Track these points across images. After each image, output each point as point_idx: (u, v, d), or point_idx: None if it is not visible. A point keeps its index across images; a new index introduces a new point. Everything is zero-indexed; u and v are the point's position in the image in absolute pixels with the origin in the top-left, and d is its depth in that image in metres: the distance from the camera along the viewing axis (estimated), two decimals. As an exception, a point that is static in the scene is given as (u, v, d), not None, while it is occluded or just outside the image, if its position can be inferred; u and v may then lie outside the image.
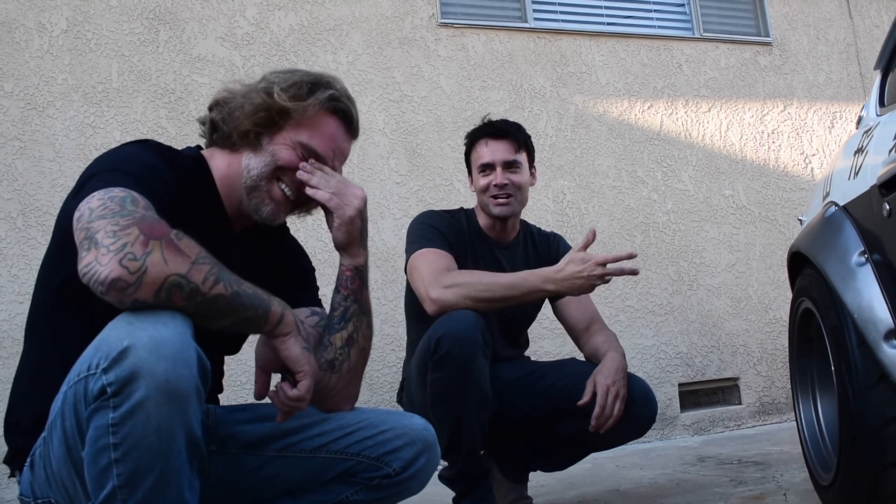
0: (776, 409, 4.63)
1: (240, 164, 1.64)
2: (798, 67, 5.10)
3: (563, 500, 2.86)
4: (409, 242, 2.48)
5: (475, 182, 2.57)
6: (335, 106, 1.65)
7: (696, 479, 3.06)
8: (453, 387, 2.16)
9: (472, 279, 2.29)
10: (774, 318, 4.70)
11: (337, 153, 1.68)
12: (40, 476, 1.42)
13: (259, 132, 1.61)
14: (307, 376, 1.45)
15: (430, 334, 2.21)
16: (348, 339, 1.64)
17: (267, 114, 1.60)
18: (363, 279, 1.67)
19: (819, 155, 5.02)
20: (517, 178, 2.52)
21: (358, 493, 1.65)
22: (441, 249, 2.41)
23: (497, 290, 2.25)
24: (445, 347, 2.14)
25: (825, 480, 2.15)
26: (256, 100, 1.60)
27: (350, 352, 1.64)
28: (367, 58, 4.19)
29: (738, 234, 4.76)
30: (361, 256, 1.67)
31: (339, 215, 1.62)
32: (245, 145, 1.63)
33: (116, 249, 1.25)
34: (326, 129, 1.65)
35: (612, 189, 4.53)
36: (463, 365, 2.14)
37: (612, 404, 2.29)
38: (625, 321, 4.37)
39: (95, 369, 1.22)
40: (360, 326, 1.65)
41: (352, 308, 1.65)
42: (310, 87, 1.62)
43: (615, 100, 4.63)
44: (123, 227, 1.28)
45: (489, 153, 2.52)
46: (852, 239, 1.96)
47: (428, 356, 2.19)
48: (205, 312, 1.32)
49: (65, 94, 3.69)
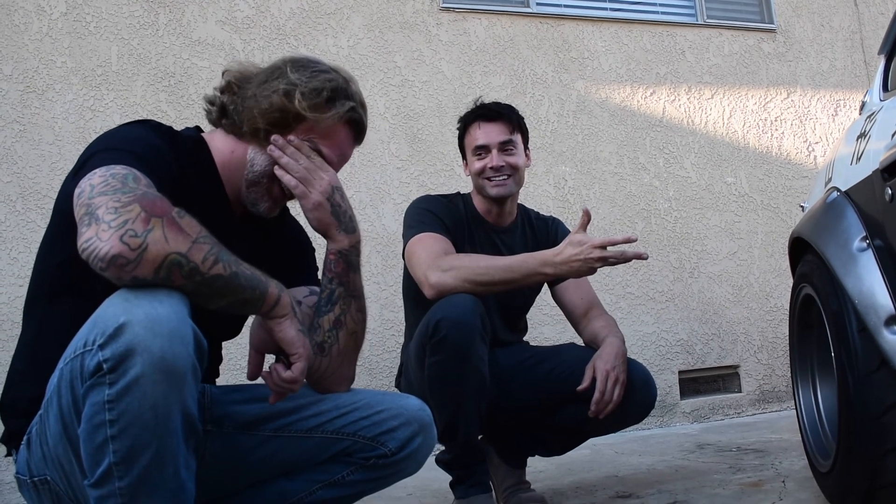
0: (776, 398, 4.62)
1: (244, 155, 1.63)
2: (802, 55, 5.07)
3: (561, 486, 2.86)
4: (407, 227, 2.47)
5: (470, 165, 2.55)
6: (351, 117, 1.65)
7: (694, 465, 3.06)
8: (451, 370, 2.15)
9: (469, 262, 2.28)
10: (775, 307, 4.69)
11: (341, 159, 1.69)
12: (37, 454, 1.42)
13: (270, 131, 1.61)
14: (301, 359, 1.45)
15: (428, 318, 2.20)
16: (336, 321, 1.63)
17: (282, 115, 1.59)
18: (349, 262, 1.65)
19: (822, 143, 5.00)
20: (513, 159, 2.50)
21: (354, 472, 1.65)
22: (438, 233, 2.40)
23: (495, 273, 2.24)
24: (443, 331, 2.13)
25: (824, 467, 2.15)
26: (274, 99, 1.59)
27: (339, 335, 1.63)
28: (368, 42, 4.17)
29: (740, 222, 4.74)
30: (344, 240, 1.64)
31: (305, 203, 1.61)
32: (254, 140, 1.62)
33: (117, 226, 1.25)
34: (337, 138, 1.65)
35: (614, 175, 4.51)
36: (461, 348, 2.14)
37: (612, 390, 2.28)
38: (625, 308, 4.36)
39: (92, 345, 1.22)
40: (347, 309, 1.64)
41: (337, 291, 1.64)
42: (329, 96, 1.61)
43: (617, 86, 4.61)
44: (125, 203, 1.28)
45: (483, 135, 2.50)
46: (854, 224, 1.95)
47: (426, 339, 2.18)
48: (203, 292, 1.31)
49: (64, 76, 3.68)
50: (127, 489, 1.21)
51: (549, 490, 2.76)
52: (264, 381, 1.51)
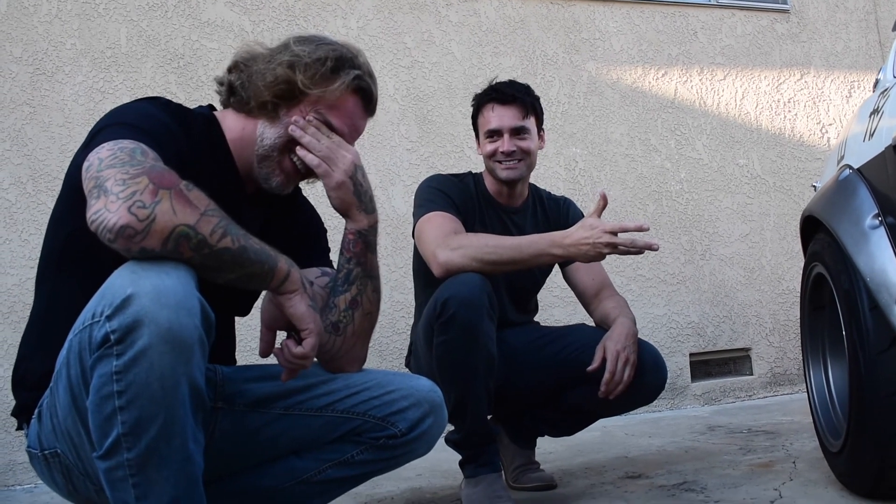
0: (788, 380, 4.61)
1: (254, 131, 1.63)
2: (816, 35, 5.02)
3: (571, 467, 2.86)
4: (417, 206, 2.46)
5: (482, 146, 2.53)
6: (358, 85, 1.63)
7: (705, 446, 3.06)
8: (459, 349, 2.15)
9: (479, 241, 2.27)
10: (788, 289, 4.67)
11: (353, 131, 1.67)
12: (47, 426, 1.43)
13: (277, 104, 1.60)
14: (312, 334, 1.45)
15: (436, 297, 2.19)
16: (352, 301, 1.63)
17: (287, 87, 1.59)
18: (367, 243, 1.65)
19: (836, 124, 4.95)
20: (525, 143, 2.48)
21: (363, 452, 1.65)
22: (448, 213, 2.39)
23: (503, 252, 2.23)
24: (451, 310, 2.13)
25: (834, 447, 2.14)
26: (278, 72, 1.59)
27: (354, 314, 1.63)
28: (378, 23, 4.15)
29: (752, 204, 4.72)
30: (364, 220, 1.65)
31: (328, 182, 1.61)
32: (262, 114, 1.62)
33: (126, 197, 1.25)
34: (346, 108, 1.64)
35: (625, 157, 4.49)
36: (469, 327, 2.13)
37: (622, 370, 2.27)
38: (636, 290, 4.34)
39: (99, 317, 1.22)
40: (364, 290, 1.65)
41: (355, 271, 1.64)
42: (334, 65, 1.60)
43: (629, 67, 4.58)
44: (133, 175, 1.28)
45: (496, 119, 2.48)
46: (866, 201, 1.93)
47: (434, 319, 2.18)
48: (211, 265, 1.32)
49: (73, 59, 3.67)
50: (135, 461, 1.22)
51: (558, 470, 2.76)
52: (276, 358, 1.51)
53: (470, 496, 2.24)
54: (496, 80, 2.58)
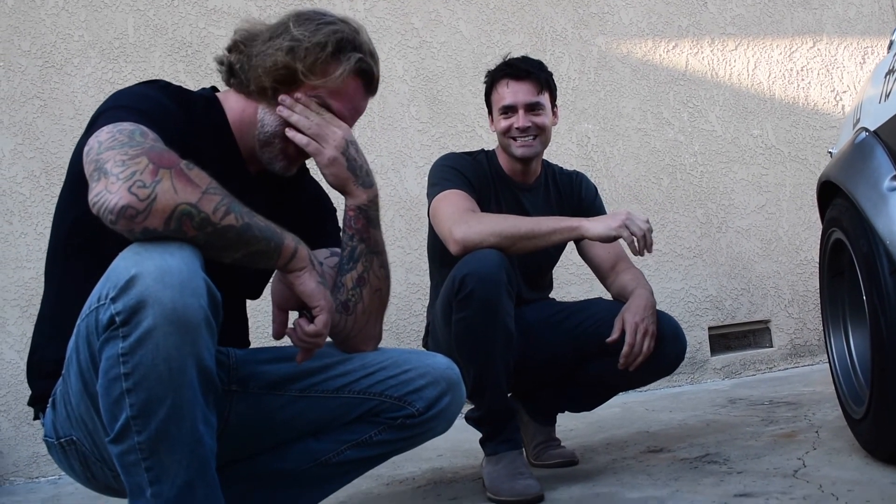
0: (808, 352, 4.58)
1: (255, 114, 1.62)
2: (827, 2, 4.95)
3: (592, 443, 2.85)
4: (431, 185, 2.45)
5: (496, 123, 2.51)
6: (359, 68, 1.60)
7: (726, 419, 3.04)
8: (478, 326, 2.14)
9: (496, 217, 2.28)
10: (806, 259, 4.63)
11: (353, 113, 1.65)
12: (61, 414, 1.43)
13: (277, 89, 1.58)
14: (323, 311, 1.44)
15: (454, 274, 2.18)
16: (359, 278, 1.62)
17: (287, 72, 1.57)
18: (368, 218, 1.63)
19: (850, 92, 4.89)
20: (539, 119, 2.46)
21: (382, 433, 1.64)
22: (463, 191, 2.38)
23: (522, 225, 2.23)
24: (470, 286, 2.12)
25: (857, 414, 2.12)
26: (278, 57, 1.56)
27: (363, 292, 1.62)
28: (385, 4, 4.12)
29: (768, 175, 4.67)
30: (362, 195, 1.63)
31: (320, 159, 1.59)
32: (262, 99, 1.60)
33: (126, 177, 1.25)
34: (347, 91, 1.61)
35: (638, 131, 4.45)
36: (488, 303, 2.12)
37: (642, 341, 2.26)
38: (653, 265, 4.31)
39: (105, 299, 1.22)
40: (370, 266, 1.63)
41: (359, 248, 1.63)
42: (335, 49, 1.57)
43: (639, 40, 4.53)
44: (132, 156, 1.28)
45: (511, 95, 2.46)
46: (884, 163, 1.90)
47: (452, 296, 2.17)
48: (216, 244, 1.30)
49: (82, 50, 3.67)
50: (146, 443, 1.21)
51: (579, 447, 2.76)
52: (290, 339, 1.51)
53: (491, 474, 2.24)
54: (510, 56, 2.56)
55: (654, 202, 4.39)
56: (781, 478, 2.04)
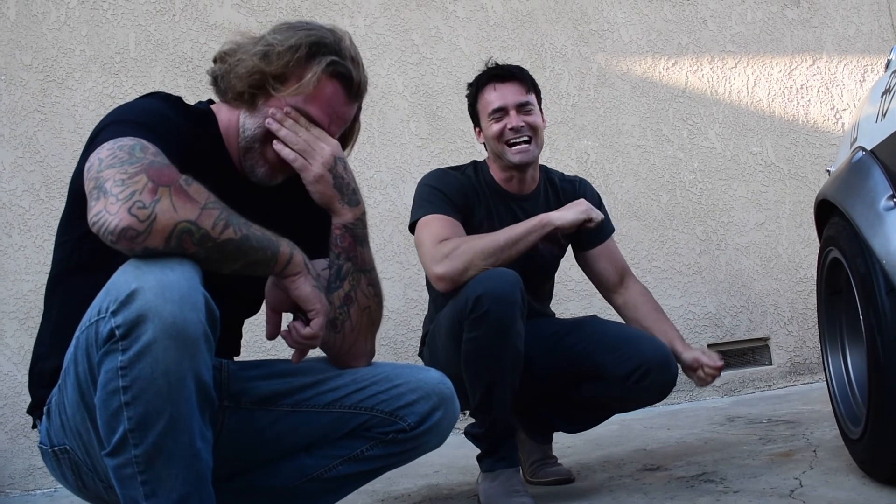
0: (808, 370, 4.56)
1: (238, 122, 1.62)
2: (827, 20, 4.96)
3: (588, 460, 2.84)
4: (414, 206, 2.43)
5: (485, 131, 2.46)
6: (334, 70, 1.58)
7: (724, 437, 3.03)
8: (490, 347, 2.11)
9: (471, 241, 2.26)
10: (805, 277, 4.62)
11: (334, 118, 1.62)
12: (56, 423, 1.43)
13: (254, 93, 1.57)
14: (319, 314, 1.45)
15: (468, 293, 2.14)
16: (346, 297, 1.61)
17: (261, 77, 1.56)
18: (355, 236, 1.62)
19: (850, 109, 4.90)
20: (531, 119, 2.42)
21: (373, 447, 1.63)
22: (444, 215, 2.34)
23: (500, 239, 2.24)
24: (485, 307, 2.08)
25: (855, 434, 2.11)
26: (252, 62, 1.56)
27: (350, 310, 1.61)
28: (385, 21, 4.14)
29: (767, 192, 4.67)
30: (348, 213, 1.61)
31: (306, 175, 1.58)
32: (241, 105, 1.60)
33: (125, 198, 1.25)
34: (323, 94, 1.59)
35: (637, 148, 4.46)
36: (502, 325, 2.09)
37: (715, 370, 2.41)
38: (652, 282, 4.31)
39: (105, 313, 1.22)
40: (357, 284, 1.62)
41: (345, 266, 1.62)
42: (308, 52, 1.56)
43: (638, 57, 4.55)
44: (132, 175, 1.28)
45: (499, 97, 2.41)
46: (880, 183, 1.90)
47: (464, 314, 2.13)
48: (215, 258, 1.31)
49: (83, 65, 3.69)
50: (143, 457, 1.21)
51: (576, 464, 2.74)
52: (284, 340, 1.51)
53: (487, 491, 2.23)
54: (490, 62, 2.54)
55: (653, 219, 4.39)
56: (778, 497, 2.03)
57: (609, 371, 2.29)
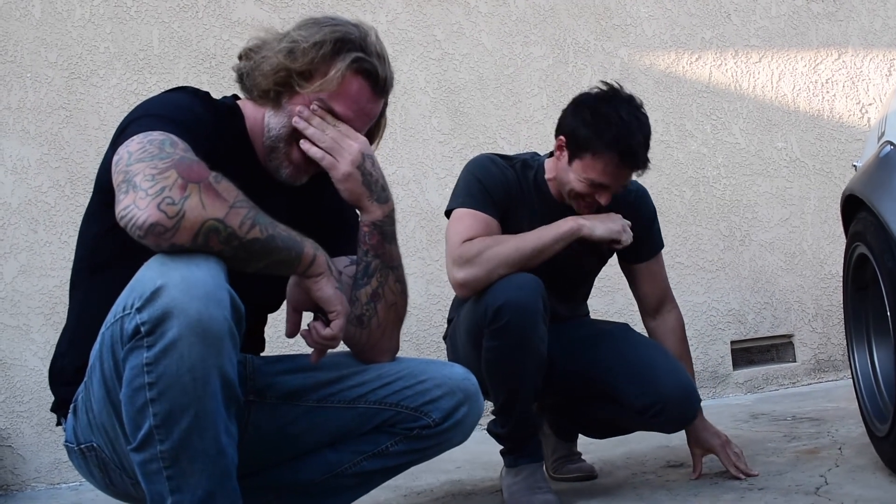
0: (832, 367, 4.52)
1: (263, 120, 1.61)
2: (853, 13, 4.91)
3: (611, 456, 2.83)
4: (453, 193, 2.34)
5: (571, 172, 2.22)
6: (360, 66, 1.56)
7: (748, 434, 3.01)
8: (511, 357, 2.08)
9: (496, 248, 2.14)
10: (830, 274, 4.57)
11: (360, 115, 1.60)
12: (83, 421, 1.44)
13: (279, 91, 1.56)
14: (340, 315, 1.45)
15: (488, 302, 2.09)
16: (373, 294, 1.60)
17: (286, 74, 1.55)
18: (383, 233, 1.61)
19: (876, 104, 4.84)
20: (610, 201, 2.25)
21: (398, 443, 1.64)
22: (480, 211, 2.24)
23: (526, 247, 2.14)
24: (506, 318, 2.04)
25: (881, 431, 2.09)
26: (277, 59, 1.54)
27: (377, 307, 1.61)
28: (407, 16, 4.14)
29: (792, 188, 4.63)
30: (377, 211, 1.60)
31: (334, 174, 1.57)
32: (266, 103, 1.59)
33: (154, 193, 1.25)
34: (348, 91, 1.57)
35: (660, 143, 4.43)
36: (523, 334, 2.06)
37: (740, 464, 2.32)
38: (675, 278, 4.26)
39: (130, 309, 1.23)
40: (385, 281, 1.62)
41: (374, 263, 1.61)
42: (333, 48, 1.54)
43: (662, 52, 4.52)
44: (162, 170, 1.28)
45: (611, 177, 2.19)
46: (909, 178, 1.88)
47: (484, 323, 2.09)
48: (241, 256, 1.32)
49: (108, 62, 3.71)
50: (168, 453, 1.22)
51: (599, 461, 2.74)
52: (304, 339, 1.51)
53: (510, 486, 2.22)
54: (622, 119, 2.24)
55: (676, 214, 4.37)
56: (803, 495, 2.01)
57: (625, 401, 2.25)
